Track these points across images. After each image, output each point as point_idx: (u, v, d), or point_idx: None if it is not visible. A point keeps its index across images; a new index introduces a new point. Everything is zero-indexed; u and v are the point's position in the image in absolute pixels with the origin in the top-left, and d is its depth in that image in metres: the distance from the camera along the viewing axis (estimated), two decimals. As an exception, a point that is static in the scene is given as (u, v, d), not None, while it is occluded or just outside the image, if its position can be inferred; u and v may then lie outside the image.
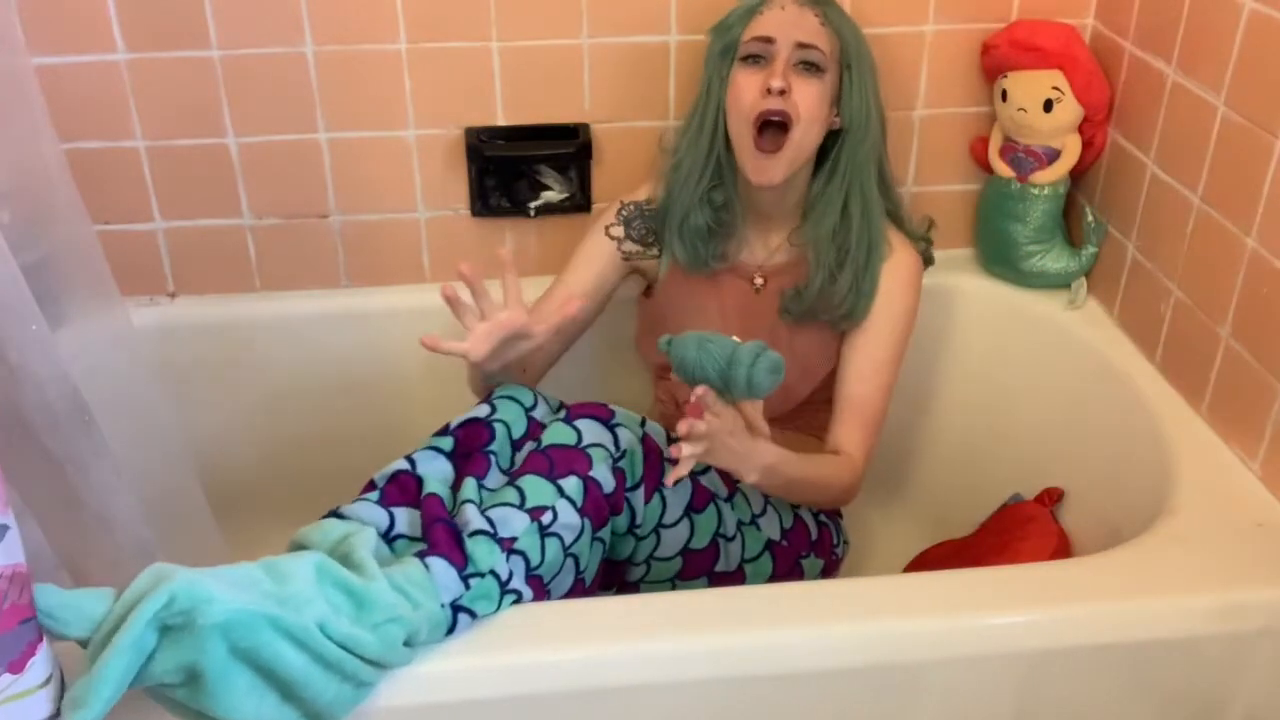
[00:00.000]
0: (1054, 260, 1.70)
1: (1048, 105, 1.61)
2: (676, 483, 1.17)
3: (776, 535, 1.41)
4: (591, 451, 1.21)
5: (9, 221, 1.16)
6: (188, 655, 0.92)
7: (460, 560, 1.08)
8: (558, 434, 1.24)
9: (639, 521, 1.26)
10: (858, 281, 1.43)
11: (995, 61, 1.66)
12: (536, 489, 1.16)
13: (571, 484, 1.18)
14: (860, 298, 1.44)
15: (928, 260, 1.53)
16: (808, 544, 1.47)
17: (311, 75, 1.59)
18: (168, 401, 1.44)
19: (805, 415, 1.51)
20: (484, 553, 1.10)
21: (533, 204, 1.70)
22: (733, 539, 1.35)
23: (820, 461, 1.38)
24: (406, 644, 1.03)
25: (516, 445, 1.28)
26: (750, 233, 1.51)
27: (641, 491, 1.25)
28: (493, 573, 1.09)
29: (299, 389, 1.75)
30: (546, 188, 1.70)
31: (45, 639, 0.93)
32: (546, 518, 1.15)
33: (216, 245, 1.69)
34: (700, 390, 1.14)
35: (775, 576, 1.42)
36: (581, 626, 1.12)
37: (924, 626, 1.15)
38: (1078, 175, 1.71)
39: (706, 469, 1.33)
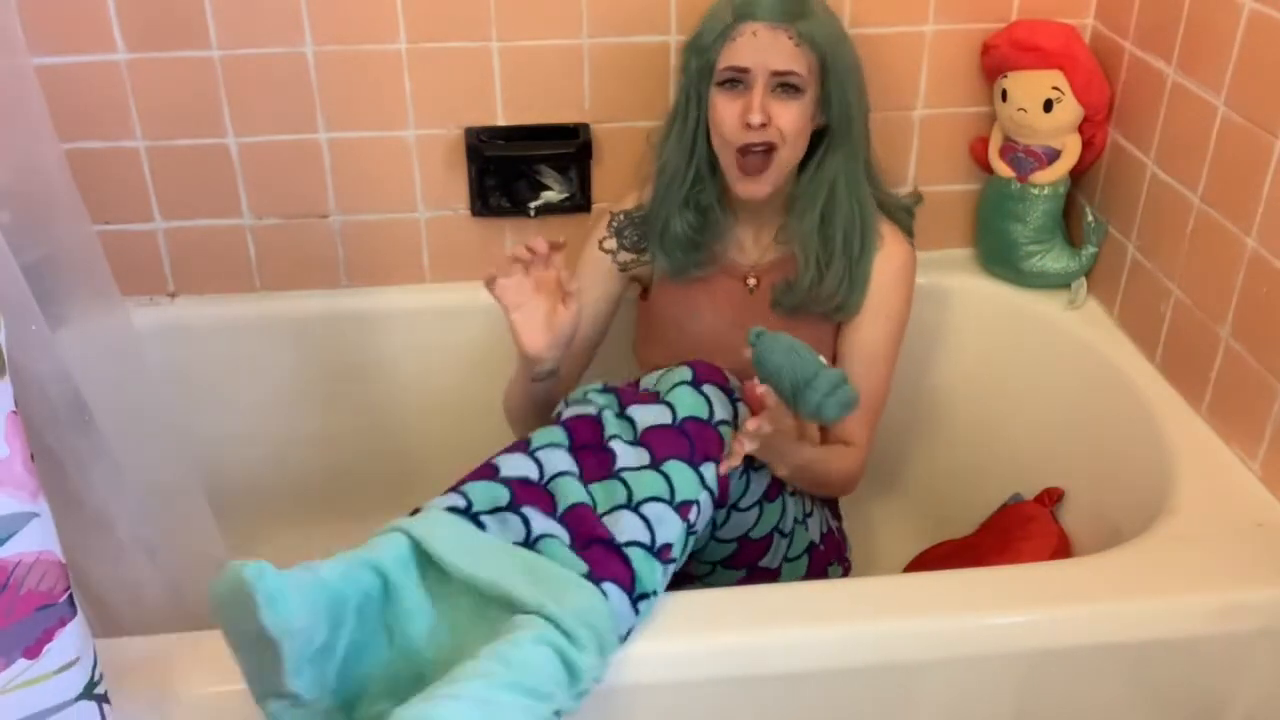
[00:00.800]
0: (1054, 260, 1.70)
1: (1048, 105, 1.61)
2: (730, 470, 1.20)
3: (817, 538, 1.44)
4: (722, 430, 1.22)
5: (9, 221, 1.16)
6: None
7: (628, 580, 1.09)
8: (689, 402, 1.22)
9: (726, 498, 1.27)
10: (850, 273, 1.44)
11: (995, 61, 1.66)
12: (683, 479, 1.16)
13: (710, 471, 1.19)
14: (853, 289, 1.45)
15: (908, 232, 1.53)
16: (835, 550, 1.49)
17: (311, 75, 1.59)
18: (167, 401, 1.44)
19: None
20: (648, 571, 1.10)
21: (533, 204, 1.70)
22: (786, 535, 1.36)
23: (837, 454, 1.42)
24: None
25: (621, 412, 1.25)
26: (741, 232, 1.51)
27: (741, 467, 1.26)
28: (655, 593, 1.11)
29: (299, 389, 1.75)
30: (546, 188, 1.70)
31: (72, 623, 0.92)
32: (692, 514, 1.15)
33: (216, 245, 1.69)
34: (762, 390, 1.17)
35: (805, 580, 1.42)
36: (582, 626, 1.12)
37: (924, 626, 1.15)
38: (1078, 175, 1.71)
39: None
